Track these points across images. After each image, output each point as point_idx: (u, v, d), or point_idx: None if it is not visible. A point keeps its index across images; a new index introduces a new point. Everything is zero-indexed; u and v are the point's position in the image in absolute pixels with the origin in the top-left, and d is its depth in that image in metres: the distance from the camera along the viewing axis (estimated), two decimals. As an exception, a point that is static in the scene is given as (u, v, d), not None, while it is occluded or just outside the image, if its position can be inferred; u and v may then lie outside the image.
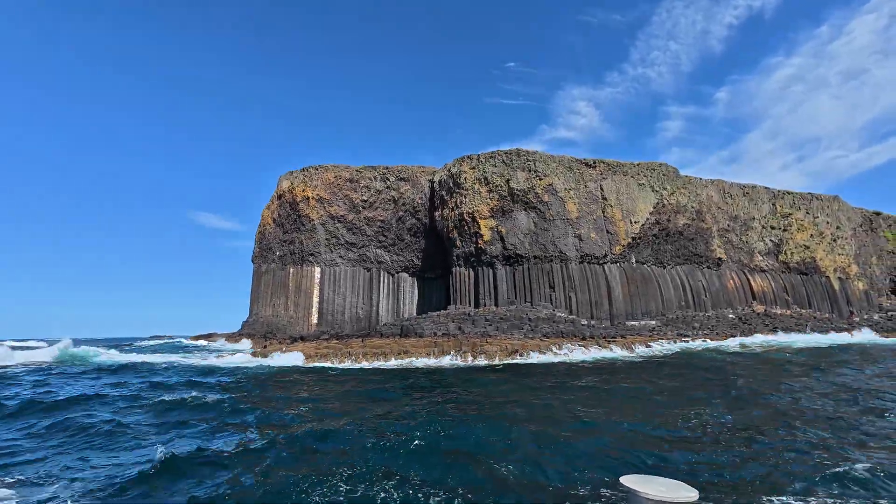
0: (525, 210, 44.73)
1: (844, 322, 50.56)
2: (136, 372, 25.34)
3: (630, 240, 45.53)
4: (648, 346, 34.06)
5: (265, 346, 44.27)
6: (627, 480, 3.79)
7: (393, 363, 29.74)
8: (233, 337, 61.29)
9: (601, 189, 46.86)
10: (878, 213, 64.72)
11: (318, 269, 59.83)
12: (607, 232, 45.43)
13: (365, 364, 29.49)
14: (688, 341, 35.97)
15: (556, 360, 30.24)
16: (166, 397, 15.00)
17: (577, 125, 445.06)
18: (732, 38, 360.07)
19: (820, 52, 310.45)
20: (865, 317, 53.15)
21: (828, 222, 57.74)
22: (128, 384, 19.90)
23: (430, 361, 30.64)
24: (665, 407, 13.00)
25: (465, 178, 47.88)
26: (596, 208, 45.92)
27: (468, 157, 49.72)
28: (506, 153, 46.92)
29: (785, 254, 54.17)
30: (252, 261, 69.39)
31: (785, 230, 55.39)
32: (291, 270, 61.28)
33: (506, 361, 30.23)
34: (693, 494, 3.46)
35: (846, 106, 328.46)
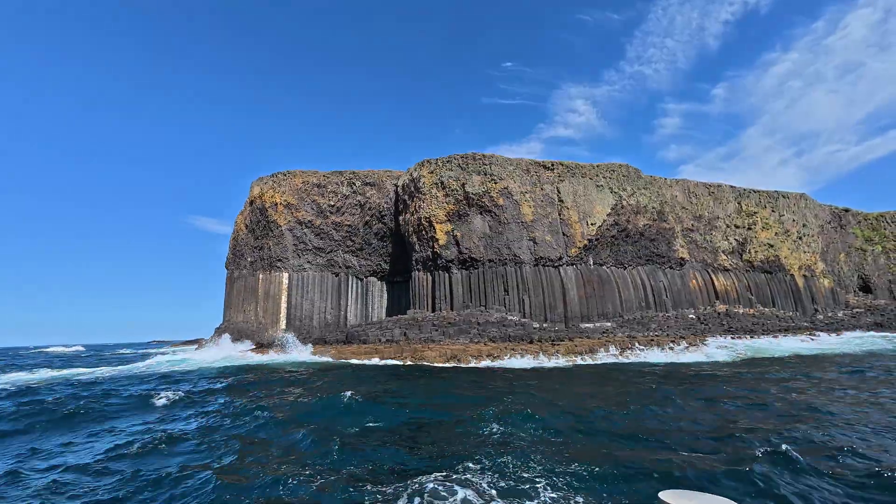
0: (480, 214, 44.80)
1: (807, 320, 50.53)
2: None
3: (586, 242, 45.54)
4: (593, 354, 33.99)
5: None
6: (667, 496, 3.42)
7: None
8: (202, 342, 61.45)
9: (557, 191, 46.90)
10: (847, 210, 64.49)
11: (286, 275, 59.99)
12: (563, 234, 45.46)
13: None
14: (634, 345, 36.00)
15: (495, 365, 30.35)
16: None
17: (575, 123, 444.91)
18: (729, 35, 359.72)
19: (816, 47, 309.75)
20: (830, 314, 53.06)
21: (794, 220, 57.63)
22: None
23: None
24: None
25: (424, 183, 48.00)
26: (552, 211, 45.96)
27: (427, 161, 49.81)
28: (462, 157, 47.01)
29: (749, 252, 54.10)
30: (226, 267, 69.50)
31: (749, 229, 55.32)
32: (261, 276, 61.44)
33: (446, 365, 30.39)
34: None
35: (844, 100, 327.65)
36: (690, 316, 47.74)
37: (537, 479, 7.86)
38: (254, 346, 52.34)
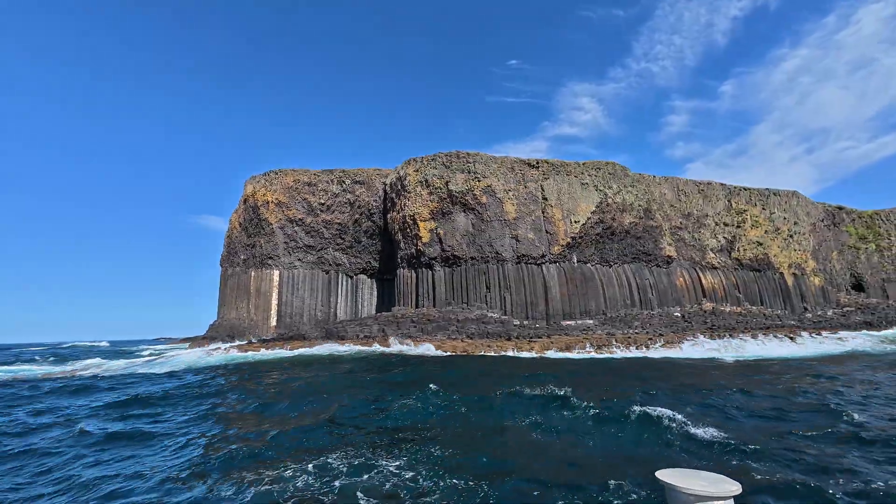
0: (464, 212, 45.06)
1: (794, 319, 50.21)
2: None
3: (569, 239, 45.62)
4: (569, 351, 34.08)
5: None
6: (664, 475, 3.44)
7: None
8: (196, 341, 62.30)
9: (542, 189, 47.00)
10: (840, 208, 63.80)
11: (276, 273, 60.66)
12: (546, 232, 45.57)
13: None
14: (612, 342, 36.08)
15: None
16: None
17: (580, 121, 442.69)
18: (737, 31, 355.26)
19: (827, 43, 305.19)
20: (819, 313, 52.64)
21: (784, 218, 57.17)
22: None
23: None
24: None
25: (409, 181, 48.32)
26: (535, 209, 46.07)
27: (414, 159, 50.12)
28: (446, 155, 47.27)
29: (738, 250, 53.81)
30: (220, 264, 70.30)
31: (738, 227, 54.99)
32: (253, 274, 62.16)
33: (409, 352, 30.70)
34: (736, 488, 3.19)
35: (855, 96, 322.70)
36: (676, 314, 47.63)
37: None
38: (241, 343, 52.94)
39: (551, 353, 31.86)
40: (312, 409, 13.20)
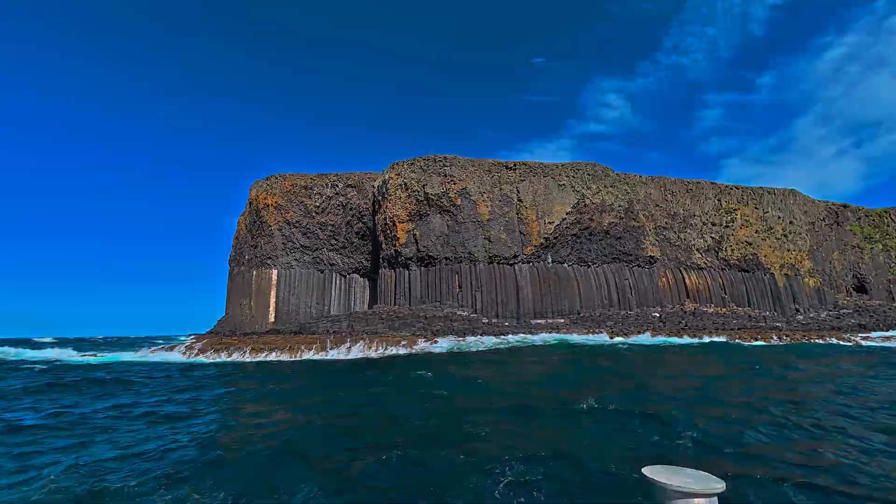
0: (439, 214, 46.67)
1: (783, 320, 49.04)
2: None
3: (543, 240, 46.40)
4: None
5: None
6: (650, 471, 3.47)
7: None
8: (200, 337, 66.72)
9: (517, 191, 47.97)
10: (845, 206, 61.02)
11: (275, 272, 64.09)
12: (520, 233, 46.54)
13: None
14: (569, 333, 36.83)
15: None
16: None
17: (607, 118, 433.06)
18: (776, 19, 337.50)
19: (877, 29, 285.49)
20: (812, 315, 51.03)
21: (779, 217, 55.59)
22: None
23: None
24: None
25: (391, 184, 50.37)
26: (509, 210, 47.12)
27: (397, 163, 52.13)
28: (424, 159, 49.01)
29: (725, 250, 52.88)
30: (229, 264, 74.59)
31: (727, 226, 53.98)
32: (254, 273, 65.88)
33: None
34: (720, 486, 3.22)
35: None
36: (654, 314, 47.54)
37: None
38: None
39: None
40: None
